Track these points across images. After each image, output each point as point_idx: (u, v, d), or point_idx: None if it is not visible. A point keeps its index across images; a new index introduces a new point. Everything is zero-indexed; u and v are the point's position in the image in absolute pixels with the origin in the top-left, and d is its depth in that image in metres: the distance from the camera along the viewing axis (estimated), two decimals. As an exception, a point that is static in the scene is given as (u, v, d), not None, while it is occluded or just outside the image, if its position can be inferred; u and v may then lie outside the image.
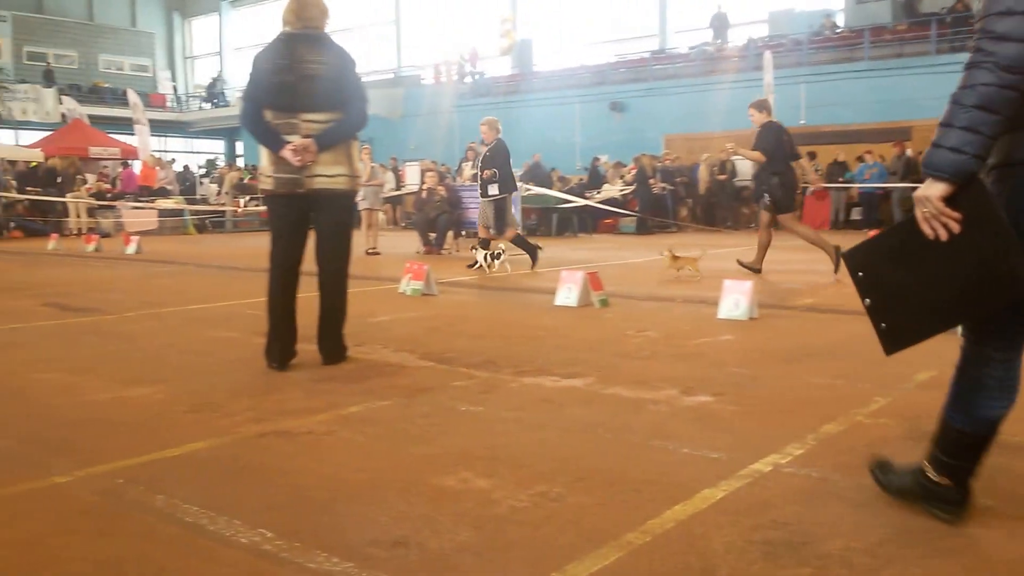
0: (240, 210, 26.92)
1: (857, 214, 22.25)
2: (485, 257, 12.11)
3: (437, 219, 16.17)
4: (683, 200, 24.19)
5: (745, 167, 21.70)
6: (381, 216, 18.62)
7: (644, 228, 21.63)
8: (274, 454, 3.87)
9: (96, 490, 3.40)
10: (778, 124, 11.40)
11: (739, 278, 8.16)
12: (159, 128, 41.77)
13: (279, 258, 5.68)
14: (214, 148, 50.40)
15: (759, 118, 11.30)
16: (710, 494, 3.26)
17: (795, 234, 11.24)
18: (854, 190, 22.28)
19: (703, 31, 31.47)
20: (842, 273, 10.28)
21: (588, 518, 3.06)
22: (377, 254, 15.48)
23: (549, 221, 21.52)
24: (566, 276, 8.65)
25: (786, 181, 11.24)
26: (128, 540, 2.92)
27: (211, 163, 42.10)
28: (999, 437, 2.93)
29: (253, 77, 5.63)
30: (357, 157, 5.89)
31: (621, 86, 30.43)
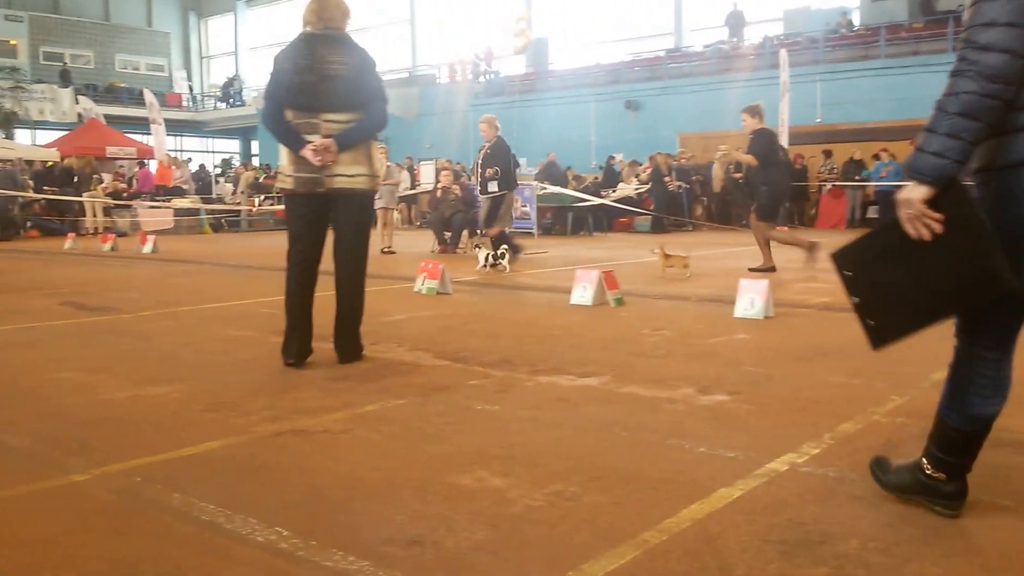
0: (255, 209, 27.01)
1: (873, 212, 22.16)
2: (487, 257, 12.14)
3: (452, 218, 16.18)
4: (698, 198, 24.16)
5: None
6: (396, 215, 18.63)
7: (659, 227, 21.58)
8: (290, 453, 3.88)
9: (112, 489, 3.41)
10: (771, 131, 11.45)
11: (755, 277, 8.14)
12: (175, 128, 42.06)
13: (298, 257, 5.70)
14: (229, 147, 50.65)
15: (751, 123, 11.36)
16: (727, 493, 3.25)
17: (766, 239, 11.38)
18: (870, 188, 22.21)
19: (719, 29, 31.45)
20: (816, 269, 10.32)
21: (604, 517, 3.06)
22: (392, 253, 15.50)
23: (564, 220, 21.49)
24: (581, 275, 8.64)
25: (774, 191, 11.33)
26: (144, 539, 2.93)
27: (226, 162, 42.28)
28: (1016, 436, 2.91)
29: (274, 77, 5.64)
30: (377, 157, 5.89)
31: (636, 85, 30.44)
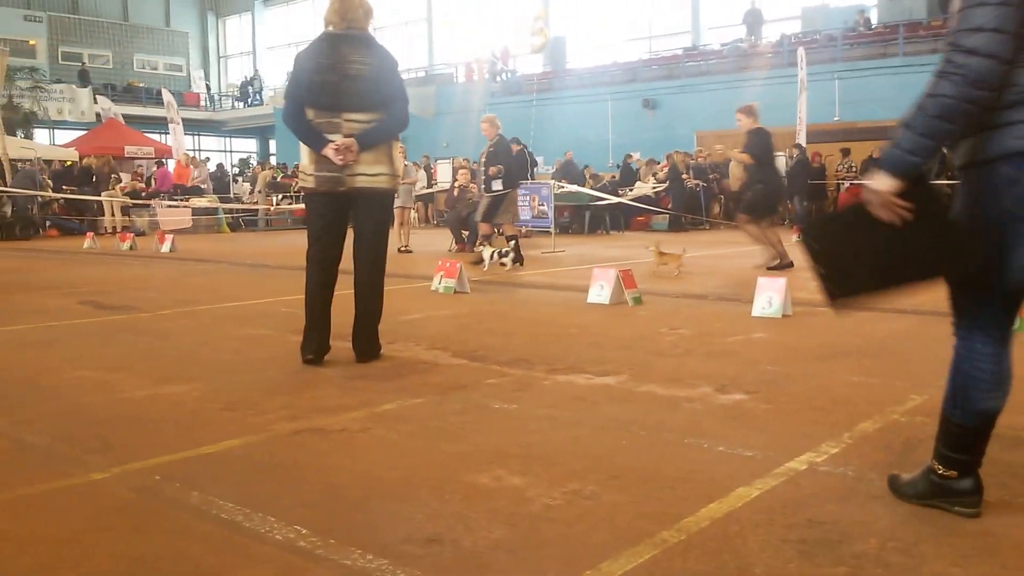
0: (273, 208, 27.08)
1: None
2: (492, 255, 12.14)
3: (469, 217, 16.15)
4: (716, 197, 24.09)
5: (779, 165, 21.59)
6: (413, 214, 18.65)
7: (677, 225, 21.54)
8: (308, 452, 3.88)
9: (131, 487, 3.42)
10: (766, 130, 11.46)
11: (773, 276, 8.12)
12: (193, 127, 42.26)
13: (318, 256, 5.71)
14: (247, 147, 50.83)
15: (747, 123, 11.40)
16: (745, 492, 3.24)
17: (746, 231, 11.49)
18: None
19: (736, 27, 31.35)
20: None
21: (622, 516, 3.05)
22: (409, 252, 15.52)
23: (581, 219, 21.47)
24: (598, 273, 8.62)
25: (769, 191, 11.32)
26: (163, 537, 2.94)
27: (244, 162, 42.41)
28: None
29: (295, 76, 5.66)
30: (398, 157, 5.90)
31: (654, 83, 30.36)
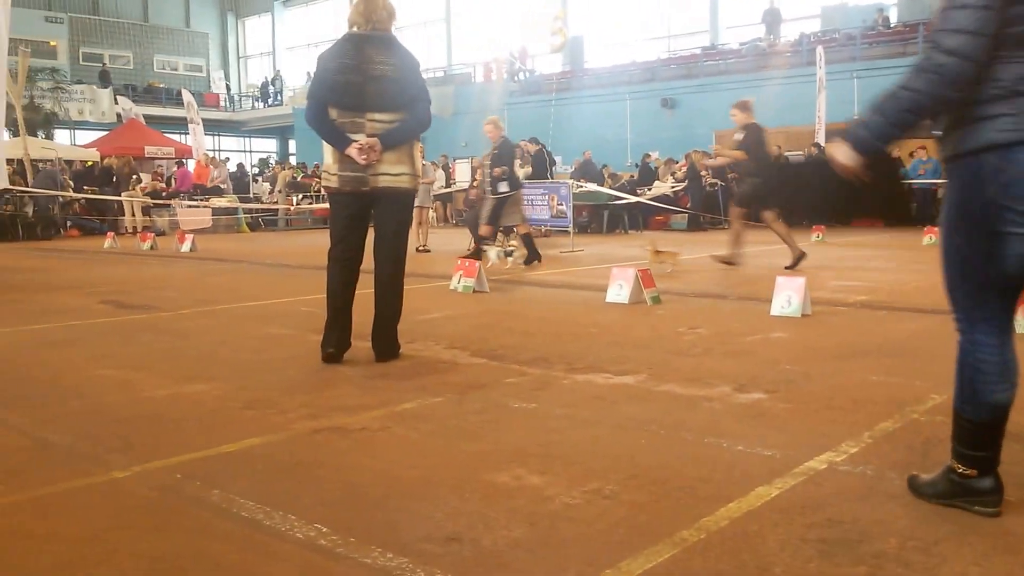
0: (293, 208, 27.16)
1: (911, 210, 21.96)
2: (498, 254, 12.15)
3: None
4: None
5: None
6: (432, 213, 18.66)
7: (696, 225, 21.50)
8: (329, 450, 3.90)
9: (153, 486, 3.44)
10: (760, 126, 11.49)
11: (791, 275, 8.10)
12: (213, 127, 42.44)
13: (340, 255, 5.75)
14: (267, 147, 50.98)
15: (742, 118, 11.44)
16: (764, 492, 3.24)
17: (735, 226, 11.60)
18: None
19: (755, 27, 31.28)
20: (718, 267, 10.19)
21: (641, 515, 3.05)
22: (428, 251, 15.55)
23: (600, 218, 21.45)
24: (617, 273, 8.61)
25: (764, 185, 11.34)
26: (184, 535, 2.95)
27: (264, 162, 42.56)
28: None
29: (318, 76, 5.69)
30: (419, 157, 5.92)
31: (672, 83, 30.34)
